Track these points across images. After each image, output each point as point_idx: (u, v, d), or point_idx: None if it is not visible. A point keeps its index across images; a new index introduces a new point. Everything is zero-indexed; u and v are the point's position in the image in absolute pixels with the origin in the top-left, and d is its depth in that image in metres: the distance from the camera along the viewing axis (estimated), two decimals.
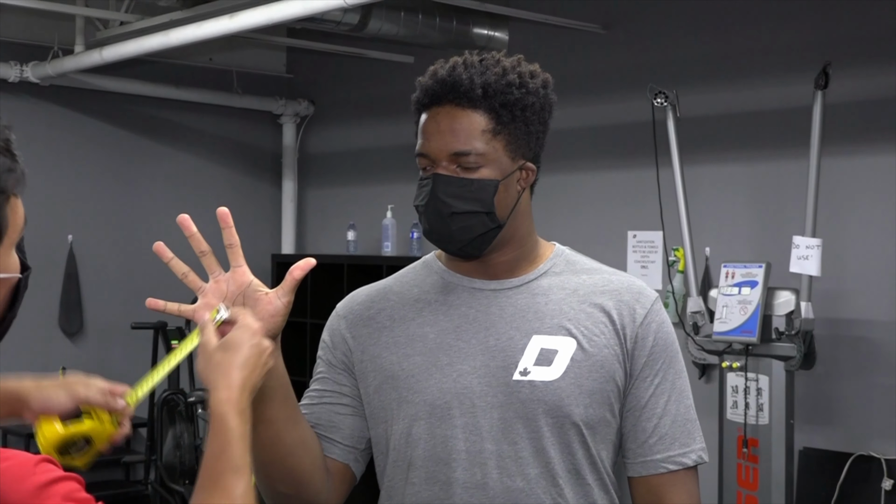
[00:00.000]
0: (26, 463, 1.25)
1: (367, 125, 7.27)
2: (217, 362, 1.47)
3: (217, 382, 1.45)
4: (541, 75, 1.84)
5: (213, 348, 1.50)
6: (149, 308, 1.67)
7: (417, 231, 6.65)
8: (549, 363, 1.79)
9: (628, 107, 5.58)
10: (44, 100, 6.70)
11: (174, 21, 5.63)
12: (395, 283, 1.95)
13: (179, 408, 6.00)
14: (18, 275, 1.34)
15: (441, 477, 1.79)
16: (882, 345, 4.81)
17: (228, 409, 1.43)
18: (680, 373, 1.87)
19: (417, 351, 1.84)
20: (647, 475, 1.85)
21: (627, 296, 1.86)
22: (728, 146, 5.36)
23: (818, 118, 4.48)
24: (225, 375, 1.46)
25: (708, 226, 5.25)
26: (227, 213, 1.68)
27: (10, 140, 1.31)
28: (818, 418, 4.93)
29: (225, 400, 1.44)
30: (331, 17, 5.58)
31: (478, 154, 1.77)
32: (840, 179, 4.84)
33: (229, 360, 1.47)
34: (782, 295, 4.53)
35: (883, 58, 4.81)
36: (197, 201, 6.75)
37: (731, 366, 4.57)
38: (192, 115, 7.38)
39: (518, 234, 1.85)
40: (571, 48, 5.88)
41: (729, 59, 5.33)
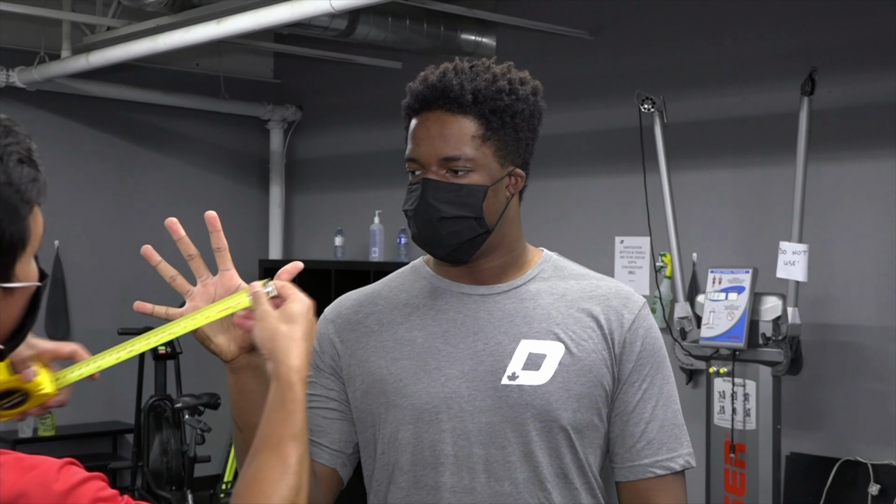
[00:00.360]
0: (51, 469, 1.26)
1: (355, 130, 7.27)
2: (283, 333, 1.50)
3: (286, 352, 1.49)
4: (531, 82, 1.85)
5: (276, 319, 1.52)
6: (136, 311, 1.67)
7: (405, 236, 6.65)
8: (537, 367, 1.80)
9: (616, 113, 5.59)
10: (30, 105, 6.68)
11: (161, 26, 5.62)
12: (383, 288, 1.95)
13: (166, 414, 5.98)
14: (38, 283, 1.36)
15: (429, 481, 1.80)
16: (869, 350, 4.83)
17: (296, 379, 1.47)
18: (667, 378, 1.88)
19: (405, 355, 1.84)
20: (634, 480, 1.85)
21: (615, 301, 1.86)
22: (715, 152, 5.37)
23: (804, 124, 4.50)
24: (293, 346, 1.50)
25: (695, 231, 5.27)
26: (216, 217, 1.67)
27: (31, 149, 1.33)
28: (805, 423, 4.95)
29: (296, 368, 1.48)
30: (318, 23, 5.58)
31: (467, 159, 1.77)
32: (826, 185, 4.86)
33: (293, 332, 1.51)
34: (769, 300, 4.54)
35: (869, 64, 4.83)
36: (184, 206, 6.71)
37: (718, 371, 4.58)
38: (179, 120, 7.38)
39: (506, 239, 1.86)
40: (559, 54, 5.90)
41: (716, 65, 5.35)
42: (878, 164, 4.81)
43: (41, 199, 1.33)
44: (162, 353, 6.16)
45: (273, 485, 1.40)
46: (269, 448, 1.43)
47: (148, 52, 5.66)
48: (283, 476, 1.40)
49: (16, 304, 1.34)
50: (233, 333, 1.67)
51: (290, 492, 1.40)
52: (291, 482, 1.40)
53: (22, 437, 6.48)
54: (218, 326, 1.67)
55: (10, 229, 1.27)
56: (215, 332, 1.67)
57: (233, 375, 1.70)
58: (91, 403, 6.91)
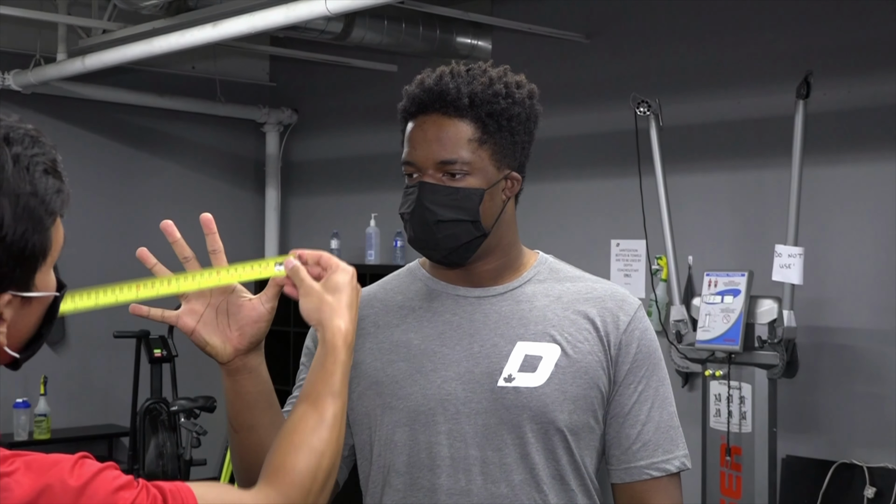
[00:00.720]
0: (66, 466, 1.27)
1: (351, 133, 7.27)
2: (329, 303, 1.57)
3: (331, 317, 1.56)
4: (527, 86, 1.85)
5: (320, 291, 1.58)
6: (132, 313, 1.67)
7: (401, 239, 6.65)
8: (533, 369, 1.80)
9: (611, 116, 5.60)
10: (25, 108, 6.67)
11: (157, 29, 5.62)
12: (379, 290, 1.95)
13: (162, 417, 5.97)
14: (56, 293, 1.38)
15: (425, 483, 1.80)
16: (864, 353, 4.83)
17: (342, 343, 1.55)
18: (663, 380, 1.88)
19: (401, 357, 1.84)
20: (630, 481, 1.86)
21: (611, 303, 1.86)
22: (711, 155, 5.37)
23: (800, 127, 4.50)
24: (338, 312, 1.57)
25: (691, 234, 5.27)
26: (211, 219, 1.68)
27: (56, 160, 1.35)
28: (801, 426, 4.95)
29: (341, 332, 1.55)
30: (314, 26, 5.58)
31: (464, 163, 1.78)
32: (822, 188, 4.87)
33: (339, 301, 1.57)
34: (765, 303, 4.55)
35: (864, 67, 4.84)
36: (180, 209, 6.67)
37: (713, 374, 4.58)
38: (174, 123, 7.37)
39: (502, 242, 1.86)
40: (554, 57, 5.90)
41: (711, 68, 5.35)
42: (873, 167, 4.81)
43: (64, 211, 1.35)
44: (158, 356, 6.15)
45: (306, 435, 1.47)
46: (307, 402, 1.51)
47: (143, 55, 5.66)
48: (317, 428, 1.48)
49: (33, 313, 1.35)
50: (228, 335, 1.68)
51: (321, 443, 1.47)
52: (324, 435, 1.48)
53: (17, 440, 6.47)
54: (213, 329, 1.68)
55: (32, 239, 1.29)
56: (211, 334, 1.67)
57: (228, 377, 1.70)
58: (87, 406, 6.90)
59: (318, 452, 1.47)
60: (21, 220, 1.27)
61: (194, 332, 1.67)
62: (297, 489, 1.44)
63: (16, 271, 1.29)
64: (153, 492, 1.30)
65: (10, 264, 1.28)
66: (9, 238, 1.26)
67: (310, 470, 1.45)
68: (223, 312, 1.68)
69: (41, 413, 6.54)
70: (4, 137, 1.29)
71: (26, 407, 6.54)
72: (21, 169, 1.28)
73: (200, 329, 1.67)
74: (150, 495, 1.29)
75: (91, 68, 5.96)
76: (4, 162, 1.27)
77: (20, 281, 1.30)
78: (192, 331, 1.68)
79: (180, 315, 1.67)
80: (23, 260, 1.29)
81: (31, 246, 1.29)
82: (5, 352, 1.33)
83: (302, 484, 1.44)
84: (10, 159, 1.28)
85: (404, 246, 6.64)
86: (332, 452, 1.48)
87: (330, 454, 1.48)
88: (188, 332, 1.68)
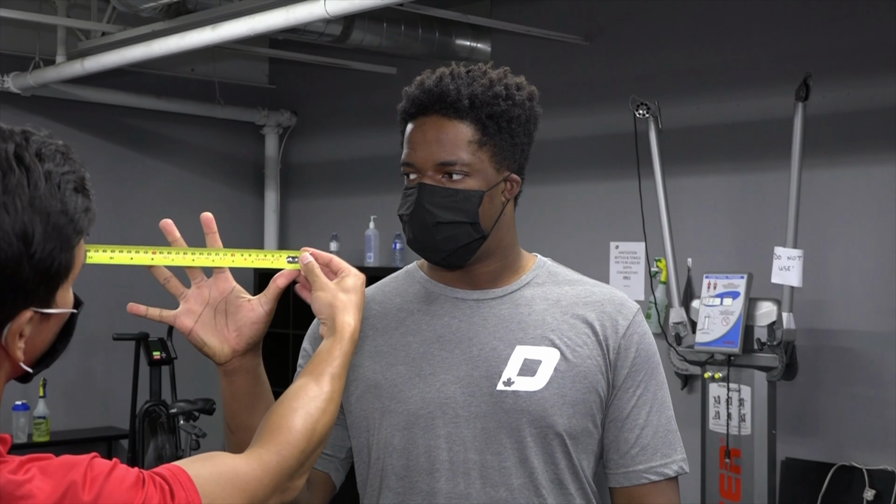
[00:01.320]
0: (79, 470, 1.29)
1: (350, 136, 7.27)
2: (342, 300, 1.65)
3: (343, 312, 1.64)
4: (527, 88, 1.85)
5: (335, 288, 1.66)
6: (130, 313, 1.67)
7: (400, 242, 6.65)
8: (532, 373, 1.80)
9: (610, 118, 5.60)
10: (25, 110, 6.67)
11: (156, 32, 5.62)
12: (377, 293, 1.95)
13: (161, 419, 5.98)
14: (73, 310, 1.39)
15: (424, 486, 1.79)
16: (864, 355, 4.83)
17: (349, 335, 1.63)
18: (661, 384, 1.88)
19: (400, 360, 1.84)
20: (628, 486, 1.86)
21: (610, 307, 1.86)
22: (710, 157, 5.37)
23: (799, 130, 4.50)
24: (350, 312, 1.64)
25: (690, 237, 5.27)
26: (212, 219, 1.69)
27: (85, 178, 1.36)
28: (800, 429, 4.95)
29: (350, 326, 1.63)
30: (313, 29, 5.58)
31: (463, 164, 1.77)
32: (821, 190, 4.87)
33: (351, 301, 1.66)
34: (764, 306, 4.54)
35: (863, 70, 4.84)
36: (179, 211, 6.65)
37: (713, 376, 4.58)
38: (174, 125, 7.37)
39: (502, 244, 1.86)
40: (554, 60, 5.90)
41: (710, 70, 5.35)
42: (872, 169, 4.81)
43: (91, 229, 1.37)
44: (157, 358, 6.15)
45: (305, 401, 1.54)
46: (309, 376, 1.58)
47: (143, 57, 5.65)
48: (315, 397, 1.54)
49: (50, 329, 1.36)
50: (226, 336, 1.68)
51: (317, 411, 1.53)
52: (320, 404, 1.54)
53: (16, 442, 6.44)
54: (211, 329, 1.68)
55: (59, 258, 1.29)
56: (208, 335, 1.68)
57: (226, 378, 1.71)
58: (86, 409, 6.90)
59: (314, 418, 1.52)
60: (50, 239, 1.27)
61: (192, 331, 1.68)
62: (291, 447, 1.48)
63: (40, 288, 1.30)
64: (158, 481, 1.32)
65: (35, 281, 1.28)
66: (37, 255, 1.27)
67: (306, 431, 1.50)
68: (221, 313, 1.68)
69: (40, 415, 6.53)
70: (37, 153, 1.29)
71: (25, 409, 6.53)
72: (52, 186, 1.29)
73: (198, 329, 1.68)
74: (156, 485, 1.32)
75: (90, 71, 5.96)
76: (38, 179, 1.27)
77: (43, 298, 1.31)
78: (189, 331, 1.68)
79: (178, 315, 1.68)
80: (48, 277, 1.29)
81: (56, 264, 1.30)
82: (20, 366, 1.34)
83: (297, 443, 1.49)
84: (42, 176, 1.28)
85: (403, 248, 6.63)
86: (325, 423, 1.53)
87: (324, 424, 1.53)
88: (186, 331, 1.68)
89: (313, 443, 1.51)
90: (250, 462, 1.44)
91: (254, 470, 1.43)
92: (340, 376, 1.59)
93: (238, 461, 1.43)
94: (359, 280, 1.69)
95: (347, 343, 1.61)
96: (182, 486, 1.34)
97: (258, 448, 1.47)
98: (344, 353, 1.61)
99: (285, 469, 1.47)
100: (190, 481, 1.35)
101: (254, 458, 1.45)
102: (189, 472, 1.36)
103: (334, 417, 1.56)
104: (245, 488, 1.41)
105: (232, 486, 1.40)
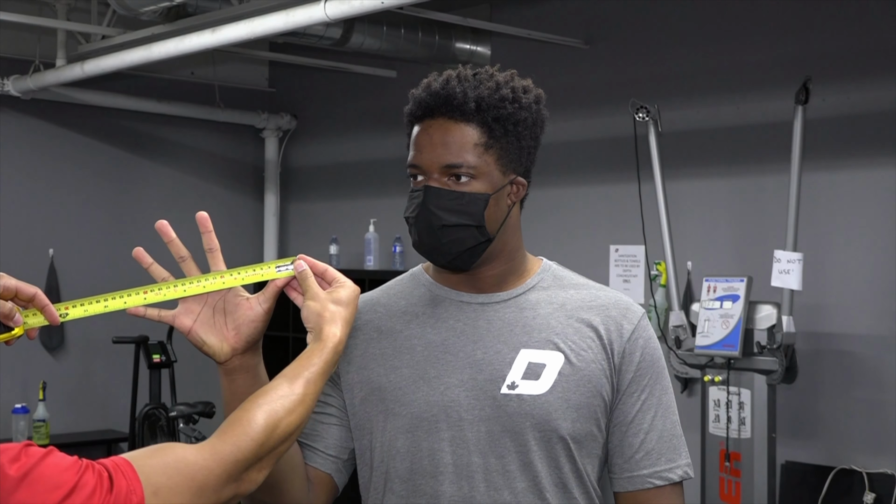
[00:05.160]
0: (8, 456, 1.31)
1: (350, 139, 7.27)
2: (332, 311, 1.64)
3: (331, 324, 1.63)
4: (533, 91, 1.85)
5: (325, 298, 1.65)
6: (129, 313, 1.67)
7: (400, 245, 6.65)
8: (536, 377, 1.79)
9: (610, 121, 5.60)
10: (25, 113, 6.68)
11: (156, 35, 5.62)
12: (381, 295, 1.95)
13: (161, 422, 5.97)
14: None
15: (428, 490, 1.79)
16: (863, 358, 4.83)
17: (332, 345, 1.61)
18: (666, 388, 1.88)
19: (405, 363, 1.84)
20: (633, 490, 1.85)
21: (615, 311, 1.86)
22: (710, 161, 5.38)
23: (799, 133, 4.50)
24: (337, 324, 1.63)
25: (690, 240, 5.27)
26: (207, 218, 1.69)
27: None
28: (800, 432, 4.95)
29: (336, 337, 1.62)
30: (313, 32, 5.58)
31: (469, 167, 1.77)
32: (821, 194, 4.87)
33: (341, 314, 1.64)
34: (764, 309, 4.55)
35: (863, 73, 4.84)
36: (179, 214, 6.66)
37: (713, 380, 4.58)
38: (173, 128, 7.37)
39: (507, 248, 1.86)
40: (553, 63, 5.90)
41: (710, 74, 5.36)
42: (872, 172, 4.82)
43: None
44: (157, 361, 6.15)
45: (270, 398, 1.53)
46: (285, 377, 1.57)
47: (142, 60, 5.66)
48: (283, 396, 1.54)
49: None
50: (225, 335, 1.68)
51: (282, 409, 1.52)
52: (287, 403, 1.53)
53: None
54: (210, 328, 1.69)
55: None
56: (207, 334, 1.68)
57: (226, 377, 1.71)
58: (86, 412, 6.90)
59: (279, 415, 1.51)
60: None
61: (191, 331, 1.69)
62: (248, 440, 1.48)
63: None
64: (97, 468, 1.33)
65: None
66: None
67: (267, 426, 1.50)
68: (220, 311, 1.69)
69: (40, 418, 6.53)
70: None
71: (25, 412, 6.53)
72: None
73: (197, 328, 1.68)
74: (95, 472, 1.33)
75: (90, 74, 5.96)
76: None
77: None
78: (188, 330, 1.69)
79: (177, 314, 1.68)
80: None
81: None
82: None
83: (256, 436, 1.48)
84: None
85: (403, 251, 6.64)
86: (291, 422, 1.52)
87: (289, 423, 1.52)
88: (185, 331, 1.69)
89: (274, 438, 1.50)
90: (202, 452, 1.44)
91: (205, 460, 1.44)
92: (316, 382, 1.58)
93: (189, 451, 1.44)
94: (352, 293, 1.67)
95: (329, 352, 1.60)
96: (124, 475, 1.35)
97: (213, 439, 1.48)
98: (324, 360, 1.60)
99: (240, 460, 1.47)
100: (133, 471, 1.36)
101: (206, 449, 1.45)
102: (134, 462, 1.37)
103: (303, 419, 1.55)
104: (194, 477, 1.42)
105: (180, 475, 1.40)
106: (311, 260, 1.69)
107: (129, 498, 1.34)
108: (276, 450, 1.51)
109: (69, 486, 1.30)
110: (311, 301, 1.64)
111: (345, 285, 1.67)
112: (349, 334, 1.66)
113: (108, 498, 1.32)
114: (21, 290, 1.56)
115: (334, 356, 1.61)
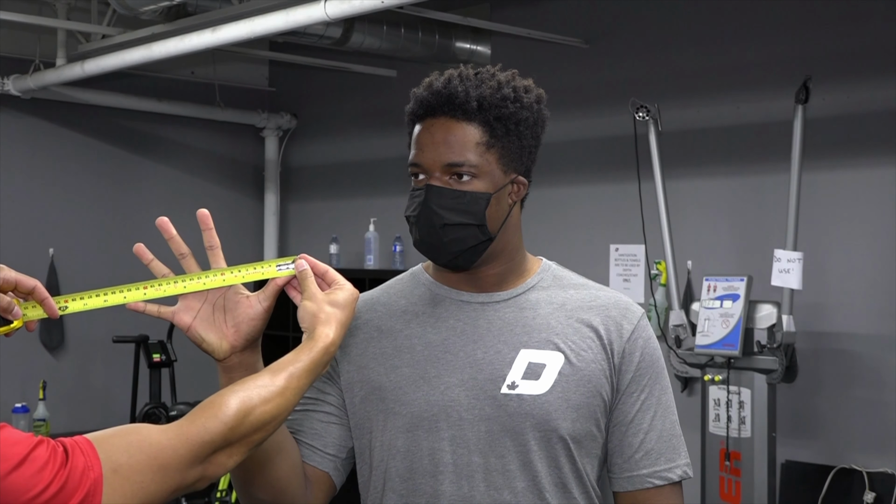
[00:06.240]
0: None
1: (350, 138, 7.27)
2: (327, 313, 1.62)
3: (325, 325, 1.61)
4: (535, 90, 1.86)
5: (322, 301, 1.64)
6: (128, 309, 1.67)
7: (400, 244, 6.65)
8: (536, 377, 1.80)
9: (610, 121, 5.60)
10: (25, 113, 6.67)
11: (156, 34, 5.62)
12: (382, 294, 1.95)
13: (161, 422, 5.97)
14: None
15: (427, 489, 1.80)
16: (864, 358, 4.83)
17: (323, 345, 1.59)
18: (665, 388, 1.89)
19: (405, 363, 1.84)
20: (632, 490, 1.86)
21: (614, 311, 1.87)
22: (710, 160, 5.37)
23: (799, 132, 4.50)
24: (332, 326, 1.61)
25: (690, 239, 5.27)
26: (208, 215, 1.69)
27: None
28: (800, 431, 4.95)
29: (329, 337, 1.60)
30: (313, 31, 5.58)
31: (471, 166, 1.78)
32: (821, 193, 4.87)
33: (336, 316, 1.62)
34: (764, 308, 4.55)
35: (863, 72, 4.84)
36: (179, 214, 6.66)
37: (713, 379, 4.58)
38: (174, 128, 7.37)
39: (508, 247, 1.86)
40: (553, 62, 5.90)
41: (710, 73, 5.35)
42: (872, 171, 4.82)
43: None
44: (157, 360, 6.15)
45: (248, 386, 1.52)
46: (269, 369, 1.57)
47: (143, 60, 5.65)
48: (262, 385, 1.52)
49: None
50: (225, 332, 1.68)
51: (258, 398, 1.50)
52: (264, 393, 1.52)
53: None
54: (210, 325, 1.68)
55: None
56: (207, 331, 1.68)
57: (225, 374, 1.71)
58: (85, 411, 6.90)
59: (253, 403, 1.49)
60: None
61: (190, 328, 1.68)
62: (218, 422, 1.46)
63: None
64: (53, 444, 1.33)
65: None
66: None
67: (239, 411, 1.48)
68: (220, 309, 1.69)
69: (40, 418, 6.52)
70: None
71: (25, 412, 6.52)
72: None
73: (197, 325, 1.68)
74: (49, 447, 1.32)
75: (90, 73, 5.96)
76: None
77: None
78: (188, 327, 1.69)
79: (176, 311, 1.68)
80: None
81: None
82: None
83: (226, 420, 1.47)
84: None
85: (403, 251, 6.63)
86: (266, 411, 1.50)
87: (264, 411, 1.50)
88: (184, 328, 1.69)
89: (246, 425, 1.48)
90: (167, 432, 1.44)
91: (169, 440, 1.43)
92: (300, 377, 1.56)
93: (154, 431, 1.43)
94: (350, 296, 1.66)
95: (319, 351, 1.59)
96: (83, 452, 1.34)
97: (182, 420, 1.47)
98: (311, 358, 1.58)
99: (206, 442, 1.45)
100: (92, 448, 1.35)
101: (172, 429, 1.44)
102: (95, 441, 1.37)
103: (281, 411, 1.53)
104: (157, 456, 1.41)
105: (142, 453, 1.39)
106: (313, 260, 1.69)
107: (85, 474, 1.33)
108: (249, 437, 1.49)
109: (17, 458, 1.30)
110: (308, 301, 1.64)
111: (343, 288, 1.66)
112: (344, 337, 1.65)
113: (61, 472, 1.31)
114: (21, 282, 1.56)
115: (324, 356, 1.59)
